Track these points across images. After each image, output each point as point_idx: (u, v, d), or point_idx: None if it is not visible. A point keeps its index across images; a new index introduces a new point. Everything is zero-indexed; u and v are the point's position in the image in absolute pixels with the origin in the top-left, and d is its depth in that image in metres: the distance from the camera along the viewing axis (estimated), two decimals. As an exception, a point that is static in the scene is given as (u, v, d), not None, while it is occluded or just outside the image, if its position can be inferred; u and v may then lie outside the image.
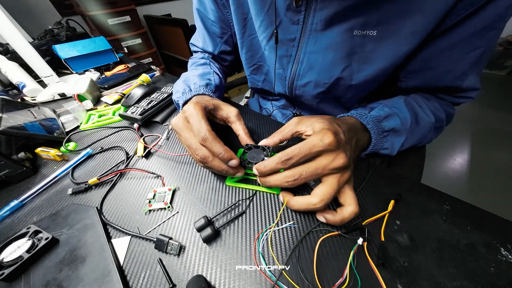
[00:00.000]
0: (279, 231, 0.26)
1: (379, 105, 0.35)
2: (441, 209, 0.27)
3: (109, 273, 0.23)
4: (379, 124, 0.32)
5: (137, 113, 0.47)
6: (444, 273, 0.21)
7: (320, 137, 0.24)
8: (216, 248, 0.26)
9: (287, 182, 0.25)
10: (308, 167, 0.25)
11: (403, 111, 0.35)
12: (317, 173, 0.24)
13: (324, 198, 0.24)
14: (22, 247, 0.25)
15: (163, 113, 0.50)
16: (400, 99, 0.37)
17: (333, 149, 0.24)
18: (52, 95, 0.62)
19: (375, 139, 0.32)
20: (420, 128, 0.36)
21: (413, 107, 0.36)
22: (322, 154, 0.25)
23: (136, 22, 1.79)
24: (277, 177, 0.26)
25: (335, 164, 0.24)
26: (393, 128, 0.33)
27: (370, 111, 0.34)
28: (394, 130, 0.33)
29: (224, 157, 0.28)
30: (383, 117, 0.33)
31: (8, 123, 0.39)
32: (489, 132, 1.59)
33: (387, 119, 0.33)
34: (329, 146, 0.24)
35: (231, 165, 0.28)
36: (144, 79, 0.65)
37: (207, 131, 0.28)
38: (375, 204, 0.28)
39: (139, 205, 0.31)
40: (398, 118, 0.33)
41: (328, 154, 0.24)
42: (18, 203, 0.32)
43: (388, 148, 0.33)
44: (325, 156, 0.24)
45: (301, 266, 0.23)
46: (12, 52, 0.75)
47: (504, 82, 2.12)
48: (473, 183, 1.25)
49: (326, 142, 0.24)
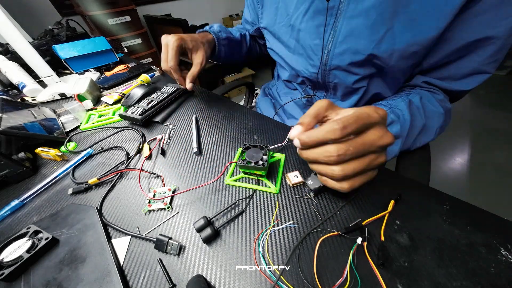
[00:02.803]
0: (279, 231, 0.26)
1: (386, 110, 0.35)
2: (441, 209, 0.27)
3: (109, 273, 0.23)
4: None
5: (137, 113, 0.47)
6: (444, 273, 0.21)
7: (374, 109, 0.22)
8: (216, 248, 0.26)
9: (330, 157, 0.21)
10: (356, 141, 0.21)
11: (405, 114, 0.35)
12: (364, 149, 0.22)
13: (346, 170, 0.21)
14: (22, 247, 0.25)
15: (163, 113, 0.50)
16: (404, 101, 0.38)
17: (384, 123, 0.22)
18: (52, 95, 0.62)
19: None
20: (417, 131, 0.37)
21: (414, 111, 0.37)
22: (373, 127, 0.22)
23: (136, 22, 1.79)
24: (318, 151, 0.22)
25: (383, 142, 0.22)
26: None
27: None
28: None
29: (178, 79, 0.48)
30: (388, 124, 0.33)
31: (8, 123, 0.39)
32: (489, 132, 1.59)
33: (390, 126, 0.34)
34: (382, 119, 0.22)
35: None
36: (144, 79, 0.65)
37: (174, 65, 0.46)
38: (375, 204, 0.28)
39: (139, 205, 0.31)
40: (399, 125, 0.34)
41: (379, 129, 0.22)
42: (19, 202, 0.32)
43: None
44: (375, 131, 0.22)
45: (301, 266, 0.23)
46: (12, 52, 0.75)
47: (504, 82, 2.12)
48: (473, 183, 1.25)
49: (381, 113, 0.22)
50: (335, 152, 0.21)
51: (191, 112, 0.51)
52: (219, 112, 0.50)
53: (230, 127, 0.44)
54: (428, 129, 0.39)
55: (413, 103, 0.38)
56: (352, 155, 0.21)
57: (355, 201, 0.29)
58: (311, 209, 0.28)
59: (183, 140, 0.42)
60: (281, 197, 0.30)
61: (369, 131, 0.22)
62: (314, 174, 0.29)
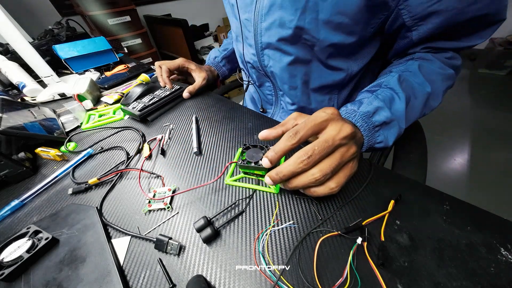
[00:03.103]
0: (279, 231, 0.26)
1: (369, 97, 0.33)
2: (441, 209, 0.27)
3: (109, 273, 0.23)
4: (369, 121, 0.31)
5: (136, 109, 0.47)
6: (444, 273, 0.21)
7: (322, 110, 0.25)
8: (216, 248, 0.26)
9: (302, 161, 0.23)
10: (317, 141, 0.24)
11: (399, 92, 0.33)
12: (328, 145, 0.23)
13: (323, 168, 0.23)
14: (22, 247, 0.25)
15: (163, 112, 0.51)
16: (394, 77, 0.35)
17: (338, 118, 0.24)
18: (52, 95, 0.62)
19: (366, 136, 0.31)
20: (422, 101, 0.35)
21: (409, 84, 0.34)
22: (328, 125, 0.24)
23: (136, 22, 1.80)
24: (291, 161, 0.24)
25: (343, 134, 0.24)
26: (384, 122, 0.32)
27: (359, 107, 0.33)
28: (385, 123, 0.32)
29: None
30: (372, 112, 0.32)
31: (8, 123, 0.39)
32: (489, 132, 1.59)
33: (377, 113, 0.32)
34: (332, 115, 0.24)
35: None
36: (143, 78, 0.65)
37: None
38: (375, 204, 0.28)
39: (139, 205, 0.31)
40: (388, 109, 0.32)
41: (334, 124, 0.24)
42: (19, 202, 0.32)
43: (382, 141, 0.33)
44: (331, 127, 0.24)
45: (301, 266, 0.23)
46: (12, 52, 0.75)
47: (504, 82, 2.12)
48: (473, 183, 1.25)
49: (329, 111, 0.24)
50: (304, 155, 0.23)
51: (191, 112, 0.51)
52: (219, 112, 0.50)
53: (230, 127, 0.44)
54: (434, 94, 0.36)
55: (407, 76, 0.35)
56: (321, 153, 0.23)
57: (355, 201, 0.29)
58: (311, 209, 0.28)
59: (183, 140, 0.42)
60: (281, 197, 0.30)
61: (325, 129, 0.24)
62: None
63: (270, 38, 0.41)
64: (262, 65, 0.47)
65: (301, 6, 0.35)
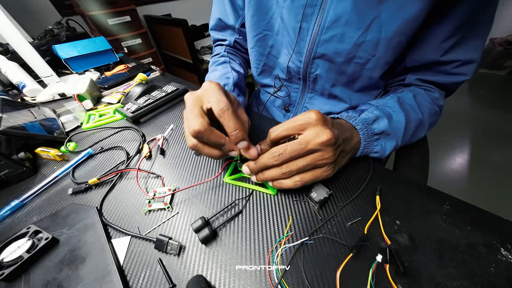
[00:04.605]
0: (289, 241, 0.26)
1: (370, 108, 0.35)
2: (441, 209, 0.27)
3: (109, 273, 0.23)
4: (368, 127, 0.32)
5: (130, 110, 0.47)
6: (444, 273, 0.21)
7: (304, 113, 0.25)
8: (216, 248, 0.26)
9: (273, 157, 0.26)
10: (292, 142, 0.25)
11: (397, 111, 0.35)
12: (301, 147, 0.24)
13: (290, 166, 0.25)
14: (22, 247, 0.25)
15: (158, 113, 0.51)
16: (393, 98, 0.37)
17: (318, 123, 0.24)
18: (52, 95, 0.62)
19: (364, 141, 0.32)
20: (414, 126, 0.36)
21: (406, 107, 0.36)
22: (307, 128, 0.25)
23: (136, 22, 1.79)
24: (266, 155, 0.26)
25: (319, 139, 0.24)
26: (383, 131, 0.33)
27: (360, 114, 0.34)
28: (385, 133, 0.33)
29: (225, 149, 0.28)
30: (372, 120, 0.33)
31: (8, 123, 0.39)
32: (489, 132, 1.59)
33: (376, 121, 0.33)
34: (311, 119, 0.24)
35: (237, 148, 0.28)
36: (142, 78, 0.65)
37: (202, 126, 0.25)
38: (374, 204, 0.28)
39: (139, 205, 0.31)
40: (387, 120, 0.33)
41: (313, 128, 0.25)
42: (19, 202, 0.32)
43: (378, 152, 0.33)
44: (309, 130, 0.25)
45: (301, 266, 0.23)
46: (12, 52, 0.75)
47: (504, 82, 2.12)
48: (473, 183, 1.25)
49: (311, 115, 0.24)
50: (277, 151, 0.25)
51: (191, 112, 0.51)
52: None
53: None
54: (423, 124, 0.38)
55: (404, 100, 0.38)
56: (292, 153, 0.25)
57: (355, 201, 0.29)
58: (311, 209, 0.28)
59: (183, 140, 0.42)
60: (280, 199, 0.30)
61: (304, 132, 0.25)
62: (317, 185, 0.28)
63: (327, 50, 0.41)
64: (307, 71, 0.46)
65: (365, 25, 0.35)
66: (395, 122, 0.34)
